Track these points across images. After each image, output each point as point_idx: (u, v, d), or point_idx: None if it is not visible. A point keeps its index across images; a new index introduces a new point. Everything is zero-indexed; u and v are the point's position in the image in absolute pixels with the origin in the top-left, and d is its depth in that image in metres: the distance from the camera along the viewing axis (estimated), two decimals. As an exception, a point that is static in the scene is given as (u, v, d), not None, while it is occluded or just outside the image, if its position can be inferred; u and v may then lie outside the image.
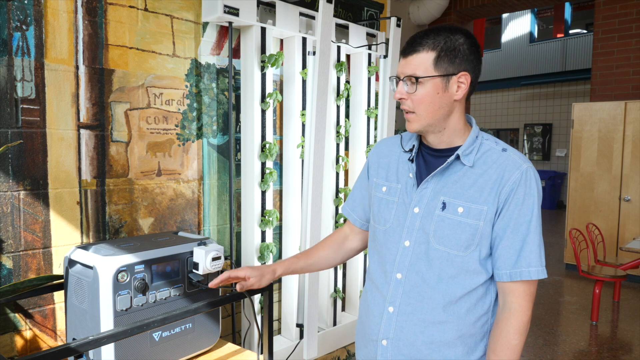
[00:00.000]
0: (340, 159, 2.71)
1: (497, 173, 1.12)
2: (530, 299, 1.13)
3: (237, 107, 2.26)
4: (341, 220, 2.73)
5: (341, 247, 1.45)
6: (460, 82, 1.13)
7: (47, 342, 1.71)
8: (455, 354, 1.16)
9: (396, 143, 1.31)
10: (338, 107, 2.69)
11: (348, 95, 2.76)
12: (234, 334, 2.27)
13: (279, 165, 2.48)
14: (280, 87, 2.46)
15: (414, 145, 1.24)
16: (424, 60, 1.11)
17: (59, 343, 1.74)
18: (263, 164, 2.26)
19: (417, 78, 1.11)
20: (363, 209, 1.39)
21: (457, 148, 1.17)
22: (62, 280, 1.60)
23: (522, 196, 1.10)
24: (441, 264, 1.14)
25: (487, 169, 1.13)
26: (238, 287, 1.37)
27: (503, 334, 1.12)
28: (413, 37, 1.15)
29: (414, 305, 1.17)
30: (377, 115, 2.85)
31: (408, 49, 1.14)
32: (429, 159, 1.21)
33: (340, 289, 2.75)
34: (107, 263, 1.43)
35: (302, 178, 2.45)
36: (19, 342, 1.64)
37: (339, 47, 2.64)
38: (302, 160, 2.45)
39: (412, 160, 1.22)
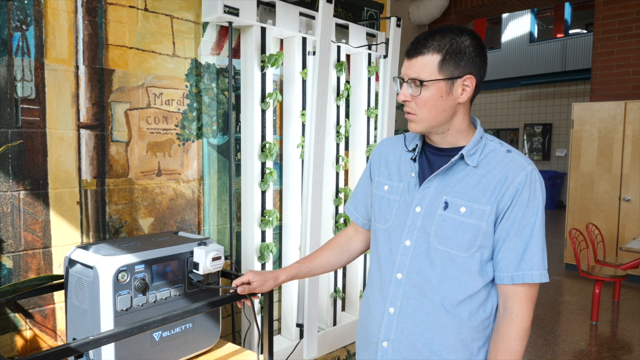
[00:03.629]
0: (340, 159, 2.71)
1: (501, 174, 1.11)
2: (531, 304, 1.11)
3: (237, 107, 2.26)
4: (341, 220, 2.73)
5: (345, 249, 1.45)
6: (465, 85, 1.11)
7: (47, 342, 1.71)
8: (457, 358, 1.14)
9: (399, 142, 1.29)
10: (338, 107, 2.69)
11: (348, 95, 2.76)
12: (234, 334, 2.27)
13: (279, 165, 2.48)
14: (280, 87, 2.46)
15: (417, 145, 1.22)
16: (428, 63, 1.09)
17: (59, 343, 1.74)
18: (263, 164, 2.26)
19: (421, 81, 1.09)
20: (365, 208, 1.38)
21: (461, 148, 1.15)
22: (62, 280, 1.60)
23: (526, 198, 1.09)
24: (443, 264, 1.13)
25: (491, 169, 1.12)
26: (239, 290, 1.39)
27: (504, 340, 1.11)
28: (418, 38, 1.12)
29: (414, 306, 1.16)
30: (377, 115, 2.85)
31: (412, 50, 1.11)
32: (432, 158, 1.20)
33: (340, 289, 2.75)
34: (107, 263, 1.43)
35: (302, 178, 2.45)
36: (19, 342, 1.64)
37: (339, 47, 2.64)
38: (302, 160, 2.45)
39: (414, 160, 1.21)
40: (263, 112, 2.25)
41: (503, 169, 1.11)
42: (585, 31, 11.74)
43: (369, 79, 2.81)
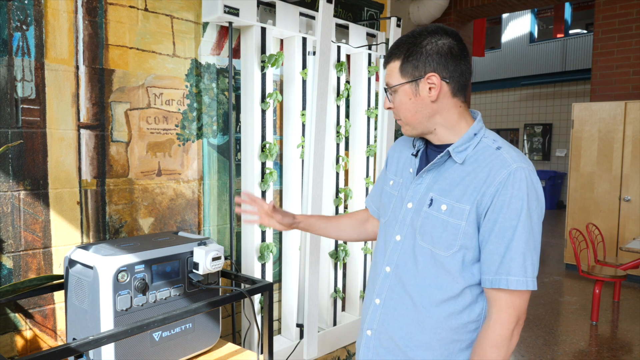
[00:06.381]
0: (340, 159, 2.71)
1: (484, 172, 1.07)
2: (512, 312, 1.05)
3: (237, 107, 2.26)
4: (341, 220, 2.73)
5: (361, 224, 1.49)
6: (431, 84, 1.10)
7: (47, 342, 1.71)
8: (433, 356, 1.13)
9: (410, 139, 1.32)
10: (338, 107, 2.69)
11: (348, 95, 2.76)
12: (234, 334, 2.27)
13: (279, 165, 2.48)
14: (280, 87, 2.46)
15: (420, 142, 1.25)
16: (393, 70, 1.16)
17: (59, 343, 1.74)
18: (263, 164, 2.26)
19: (387, 88, 1.18)
20: (380, 200, 1.42)
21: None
22: (62, 280, 1.60)
23: (507, 199, 1.03)
24: (425, 262, 1.13)
25: (476, 167, 1.09)
26: (259, 209, 1.41)
27: (480, 345, 1.09)
28: (389, 48, 1.20)
29: (396, 300, 1.18)
30: (377, 115, 2.86)
31: (385, 61, 1.21)
32: (431, 155, 1.21)
33: (340, 289, 2.75)
34: (107, 263, 1.43)
35: (302, 178, 2.45)
36: (19, 342, 1.64)
37: (339, 47, 2.64)
38: (302, 160, 2.45)
39: (415, 156, 1.23)
40: (263, 112, 2.25)
41: (487, 167, 1.08)
42: (585, 31, 11.73)
43: (369, 79, 2.81)
